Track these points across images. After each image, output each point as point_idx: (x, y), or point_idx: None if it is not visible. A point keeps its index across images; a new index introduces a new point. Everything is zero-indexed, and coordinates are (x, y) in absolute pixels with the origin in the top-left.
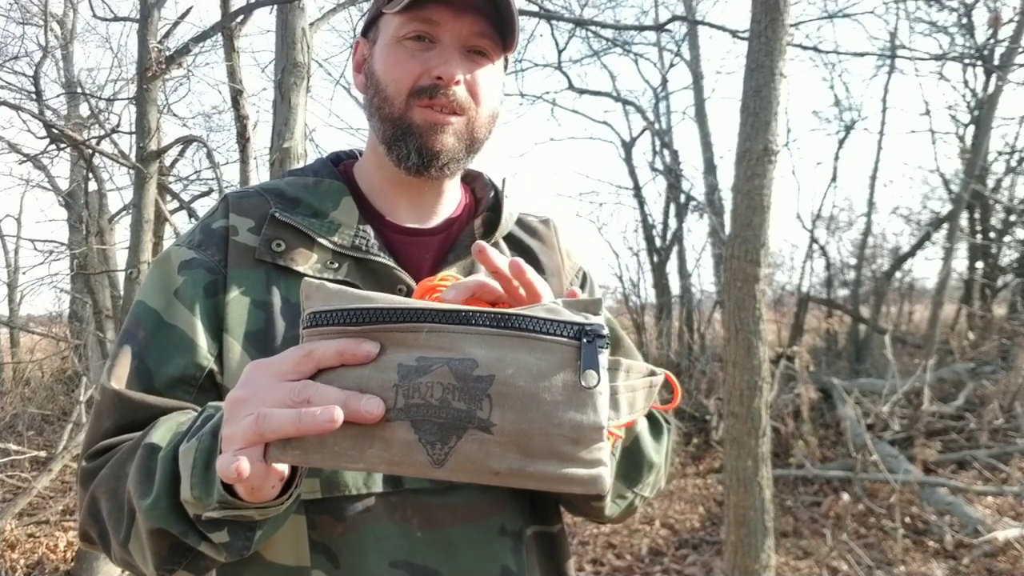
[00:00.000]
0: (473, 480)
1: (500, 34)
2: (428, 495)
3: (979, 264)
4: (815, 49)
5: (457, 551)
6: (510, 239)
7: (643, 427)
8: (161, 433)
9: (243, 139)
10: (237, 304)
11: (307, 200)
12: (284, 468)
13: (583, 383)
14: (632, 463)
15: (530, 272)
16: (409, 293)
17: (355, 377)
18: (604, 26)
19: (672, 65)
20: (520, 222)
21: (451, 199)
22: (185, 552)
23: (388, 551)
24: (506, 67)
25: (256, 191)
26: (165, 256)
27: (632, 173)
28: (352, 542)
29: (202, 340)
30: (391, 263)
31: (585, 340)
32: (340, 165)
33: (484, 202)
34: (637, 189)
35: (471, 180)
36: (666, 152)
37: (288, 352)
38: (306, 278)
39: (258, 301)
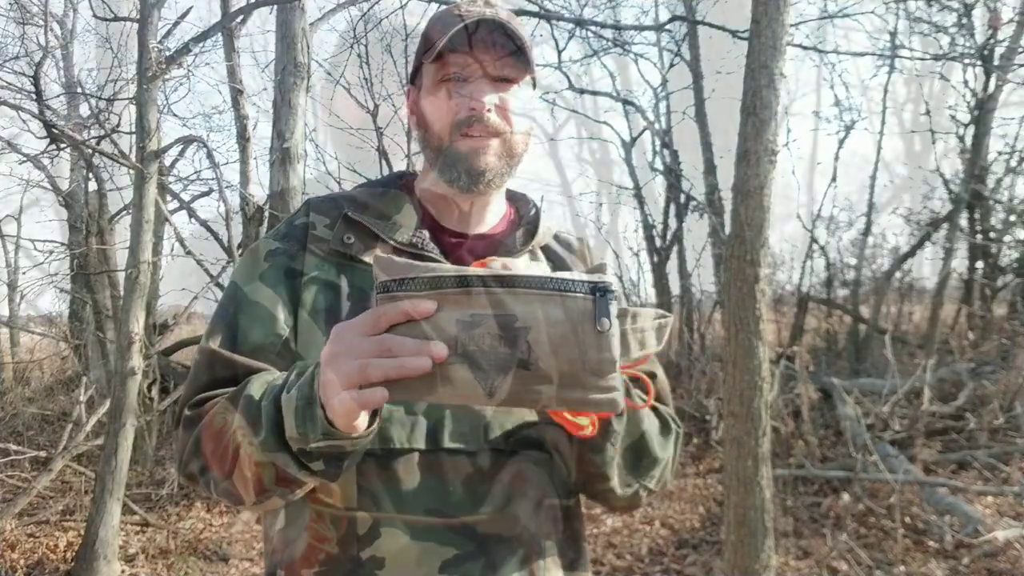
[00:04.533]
0: (518, 406)
1: (518, 60)
2: (460, 455)
3: (979, 264)
4: (815, 49)
5: (481, 505)
6: (547, 250)
7: (651, 425)
8: (256, 387)
9: (243, 139)
10: (311, 285)
11: (375, 205)
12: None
13: (598, 328)
14: (637, 455)
15: None
16: None
17: (421, 331)
18: (604, 26)
19: (672, 65)
20: (557, 237)
21: (495, 212)
22: (281, 482)
23: (423, 499)
24: (534, 86)
25: (333, 196)
26: (256, 246)
27: (632, 173)
28: (393, 489)
29: (280, 314)
30: (441, 259)
31: (598, 294)
32: (403, 179)
33: (526, 217)
34: (637, 189)
35: (516, 200)
36: (666, 152)
37: (365, 314)
38: (377, 253)
39: (329, 284)
